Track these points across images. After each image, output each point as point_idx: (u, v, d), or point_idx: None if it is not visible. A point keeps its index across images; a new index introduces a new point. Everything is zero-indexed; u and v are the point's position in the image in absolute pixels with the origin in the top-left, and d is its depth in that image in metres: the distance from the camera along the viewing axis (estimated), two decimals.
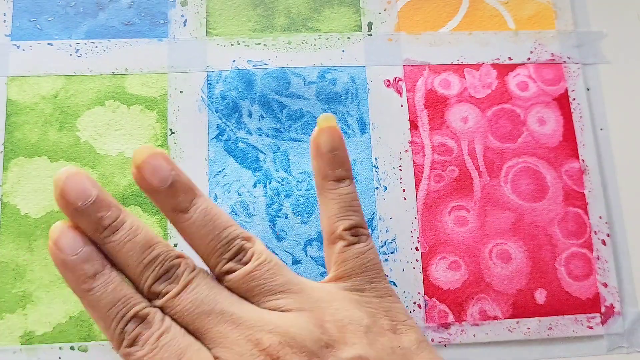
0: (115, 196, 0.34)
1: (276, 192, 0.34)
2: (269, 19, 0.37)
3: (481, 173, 0.35)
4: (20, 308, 0.32)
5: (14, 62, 0.35)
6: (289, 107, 0.36)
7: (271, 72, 0.36)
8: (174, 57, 0.36)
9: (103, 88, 0.35)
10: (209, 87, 0.36)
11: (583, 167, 0.36)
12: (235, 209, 0.34)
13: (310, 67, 0.36)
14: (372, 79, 0.36)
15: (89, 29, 0.36)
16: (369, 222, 0.34)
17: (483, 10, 0.39)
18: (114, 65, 0.36)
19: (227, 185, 0.34)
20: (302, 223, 0.34)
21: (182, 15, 0.37)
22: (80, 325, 0.32)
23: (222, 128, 0.35)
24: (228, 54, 0.36)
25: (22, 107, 0.35)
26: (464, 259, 0.34)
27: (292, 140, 0.35)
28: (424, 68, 0.37)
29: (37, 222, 0.33)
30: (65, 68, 0.35)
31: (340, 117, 0.36)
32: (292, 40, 0.37)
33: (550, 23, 0.38)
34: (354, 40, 0.37)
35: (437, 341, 0.33)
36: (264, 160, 0.35)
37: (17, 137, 0.34)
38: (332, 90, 0.36)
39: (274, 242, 0.33)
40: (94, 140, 0.35)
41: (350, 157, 0.35)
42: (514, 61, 0.37)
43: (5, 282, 0.32)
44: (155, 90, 0.35)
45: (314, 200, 0.34)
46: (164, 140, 0.35)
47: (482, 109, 0.37)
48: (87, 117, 0.35)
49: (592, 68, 0.38)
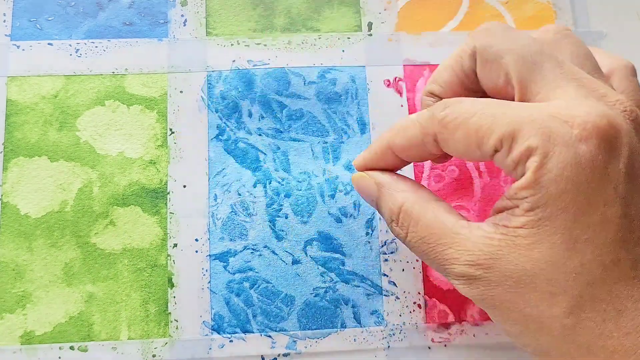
0: (115, 196, 0.34)
1: (276, 192, 0.34)
2: (269, 19, 0.37)
3: (481, 173, 0.35)
4: (20, 308, 0.32)
5: (13, 62, 0.35)
6: (289, 107, 0.36)
7: (271, 72, 0.36)
8: (173, 57, 0.36)
9: (103, 88, 0.35)
10: (209, 87, 0.36)
11: None
12: (235, 209, 0.34)
13: (310, 67, 0.36)
14: (372, 79, 0.36)
15: (89, 28, 0.36)
16: (369, 222, 0.34)
17: (483, 10, 0.39)
18: (114, 65, 0.36)
19: (227, 185, 0.34)
20: (302, 223, 0.34)
21: (182, 15, 0.37)
22: (80, 325, 0.32)
23: (222, 128, 0.35)
24: (228, 54, 0.36)
25: (22, 107, 0.35)
26: None
27: (292, 140, 0.35)
28: (424, 68, 0.37)
29: (37, 222, 0.33)
30: (65, 68, 0.35)
31: (340, 117, 0.36)
32: (292, 40, 0.37)
33: (550, 23, 0.38)
34: (354, 40, 0.37)
35: (437, 341, 0.33)
36: (264, 160, 0.35)
37: (16, 137, 0.34)
38: (332, 90, 0.36)
39: (274, 242, 0.33)
40: (94, 140, 0.35)
41: (350, 157, 0.35)
42: None
43: (4, 282, 0.32)
44: (155, 90, 0.35)
45: (314, 200, 0.34)
46: (164, 140, 0.35)
47: None
48: (87, 117, 0.35)
49: None
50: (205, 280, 0.33)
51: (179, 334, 0.32)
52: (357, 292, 0.33)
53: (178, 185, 0.34)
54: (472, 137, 0.22)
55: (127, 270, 0.33)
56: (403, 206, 0.25)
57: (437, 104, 0.24)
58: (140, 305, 0.32)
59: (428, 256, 0.24)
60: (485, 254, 0.22)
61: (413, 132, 0.25)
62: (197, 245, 0.33)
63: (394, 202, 0.26)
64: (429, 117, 0.24)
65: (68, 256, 0.33)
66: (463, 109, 0.23)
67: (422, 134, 0.25)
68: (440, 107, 0.24)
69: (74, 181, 0.34)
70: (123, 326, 0.32)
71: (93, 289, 0.32)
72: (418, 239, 0.25)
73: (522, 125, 0.21)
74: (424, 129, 0.24)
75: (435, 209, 0.25)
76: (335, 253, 0.33)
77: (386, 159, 0.27)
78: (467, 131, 0.22)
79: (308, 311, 0.33)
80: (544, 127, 0.20)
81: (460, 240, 0.23)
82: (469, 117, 0.22)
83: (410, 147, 0.26)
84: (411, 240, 0.25)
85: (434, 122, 0.24)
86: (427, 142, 0.25)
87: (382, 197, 0.27)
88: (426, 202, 0.25)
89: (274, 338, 0.32)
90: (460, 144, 0.23)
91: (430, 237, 0.24)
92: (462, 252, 0.23)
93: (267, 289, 0.33)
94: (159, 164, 0.34)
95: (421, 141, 0.25)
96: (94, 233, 0.33)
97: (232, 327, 0.32)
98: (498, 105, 0.22)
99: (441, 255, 0.24)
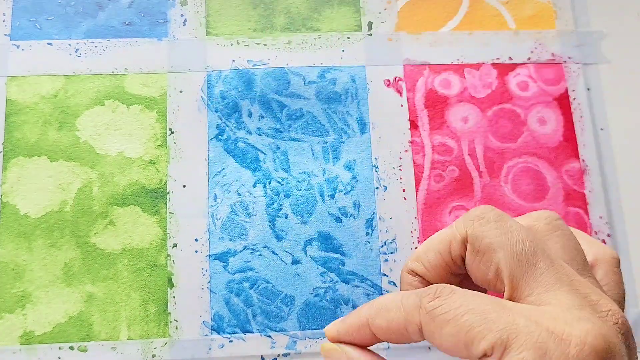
0: (115, 196, 0.34)
1: (276, 192, 0.34)
2: (268, 19, 0.37)
3: (481, 173, 0.35)
4: (20, 308, 0.32)
5: (13, 61, 0.35)
6: (288, 107, 0.36)
7: (271, 72, 0.36)
8: (173, 56, 0.36)
9: (103, 88, 0.35)
10: (209, 86, 0.36)
11: (583, 167, 0.36)
12: (235, 209, 0.34)
13: (310, 66, 0.36)
14: (372, 79, 0.36)
15: (89, 28, 0.36)
16: (369, 222, 0.34)
17: (483, 10, 0.38)
18: (114, 65, 0.36)
19: (227, 185, 0.34)
20: (302, 223, 0.34)
21: (182, 14, 0.37)
22: (79, 325, 0.32)
23: (221, 128, 0.35)
24: (228, 54, 0.36)
25: (21, 107, 0.35)
26: None
27: (292, 140, 0.35)
28: (424, 68, 0.37)
29: (37, 222, 0.33)
30: (65, 68, 0.35)
31: (340, 116, 0.36)
32: (292, 39, 0.37)
33: (551, 23, 0.38)
34: (354, 40, 0.37)
35: None
36: (264, 160, 0.35)
37: (16, 136, 0.34)
38: (332, 90, 0.36)
39: (273, 242, 0.33)
40: (94, 140, 0.35)
41: (350, 157, 0.35)
42: (514, 61, 0.37)
43: (4, 282, 0.32)
44: (154, 90, 0.35)
45: (314, 200, 0.34)
46: (164, 140, 0.35)
47: (483, 109, 0.37)
48: (86, 116, 0.35)
49: (592, 68, 0.38)
50: (205, 280, 0.33)
51: (179, 334, 0.32)
52: (357, 292, 0.33)
53: (178, 185, 0.34)
54: (461, 336, 0.21)
55: (126, 270, 0.33)
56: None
57: (425, 290, 0.23)
58: (140, 305, 0.32)
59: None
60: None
61: (396, 316, 0.24)
62: (197, 245, 0.33)
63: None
64: (414, 305, 0.23)
65: (68, 256, 0.33)
66: (455, 304, 0.22)
67: (406, 321, 0.23)
68: (430, 297, 0.23)
69: (74, 181, 0.34)
70: (123, 326, 0.32)
71: (93, 289, 0.32)
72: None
73: (517, 335, 0.20)
74: (409, 316, 0.23)
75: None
76: (335, 253, 0.33)
77: (362, 335, 0.26)
78: (457, 329, 0.22)
79: (308, 311, 0.33)
80: (540, 342, 0.20)
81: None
82: (460, 314, 0.22)
83: (390, 331, 0.24)
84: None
85: (421, 311, 0.23)
86: (411, 330, 0.23)
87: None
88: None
89: (273, 338, 0.32)
90: (448, 341, 0.22)
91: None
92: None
93: (267, 289, 0.33)
94: (159, 163, 0.34)
95: (404, 327, 0.24)
96: (93, 233, 0.33)
97: (232, 327, 0.32)
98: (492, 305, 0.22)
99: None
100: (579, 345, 0.20)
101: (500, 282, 0.24)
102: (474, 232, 0.24)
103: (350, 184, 0.34)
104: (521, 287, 0.23)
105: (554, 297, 0.22)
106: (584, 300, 0.22)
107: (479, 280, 0.25)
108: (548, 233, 0.25)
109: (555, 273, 0.23)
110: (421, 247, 0.27)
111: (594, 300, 0.22)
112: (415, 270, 0.27)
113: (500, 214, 0.24)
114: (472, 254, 0.24)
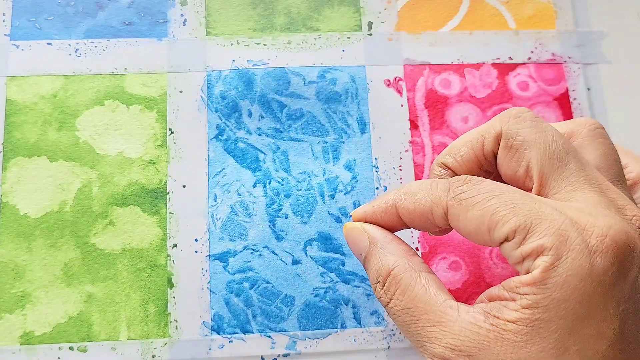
0: (115, 196, 0.34)
1: (276, 192, 0.34)
2: (268, 19, 0.37)
3: None
4: (20, 308, 0.32)
5: (13, 61, 0.35)
6: (288, 107, 0.36)
7: (271, 72, 0.36)
8: (173, 56, 0.36)
9: (102, 88, 0.35)
10: (209, 86, 0.36)
11: None
12: (234, 209, 0.34)
13: (310, 66, 0.36)
14: (372, 79, 0.36)
15: (89, 28, 0.36)
16: None
17: (483, 10, 0.38)
18: (114, 64, 0.36)
19: (227, 185, 0.34)
20: (302, 223, 0.34)
21: (182, 14, 0.37)
22: (79, 326, 0.32)
23: (221, 128, 0.35)
24: (228, 54, 0.36)
25: (21, 107, 0.35)
26: (464, 259, 0.34)
27: (292, 140, 0.35)
28: (424, 68, 0.37)
29: (37, 222, 0.33)
30: (65, 68, 0.35)
31: (340, 116, 0.36)
32: (292, 39, 0.37)
33: (551, 23, 0.38)
34: (354, 39, 0.37)
35: None
36: (264, 160, 0.35)
37: (16, 137, 0.34)
38: (332, 90, 0.36)
39: (273, 242, 0.33)
40: (94, 140, 0.34)
41: (350, 157, 0.35)
42: (515, 61, 0.37)
43: (4, 282, 0.32)
44: (154, 90, 0.35)
45: (314, 200, 0.34)
46: (164, 140, 0.35)
47: (483, 109, 0.36)
48: (86, 116, 0.35)
49: (592, 68, 0.38)
50: (205, 280, 0.33)
51: (179, 334, 0.32)
52: (357, 292, 0.33)
53: (178, 185, 0.34)
54: (485, 219, 0.22)
55: (126, 270, 0.33)
56: (393, 270, 0.24)
57: (456, 178, 0.23)
58: (139, 305, 0.32)
59: (408, 327, 0.24)
60: (470, 342, 0.21)
61: (424, 198, 0.24)
62: (196, 245, 0.33)
63: (384, 263, 0.25)
64: (444, 188, 0.23)
65: (67, 256, 0.33)
66: (483, 189, 0.22)
67: (433, 203, 0.24)
68: (459, 182, 0.23)
69: (74, 181, 0.34)
70: (122, 326, 0.32)
71: (92, 289, 0.32)
72: (402, 308, 0.24)
73: (540, 221, 0.20)
74: (436, 199, 0.24)
75: (426, 282, 0.24)
76: (335, 253, 0.33)
77: (387, 218, 0.26)
78: (482, 212, 0.22)
79: (308, 311, 0.33)
80: (562, 229, 0.20)
81: (446, 320, 0.22)
82: (487, 199, 0.22)
83: (416, 213, 0.25)
84: (393, 307, 0.24)
85: (449, 194, 0.23)
86: (436, 213, 0.24)
87: (372, 255, 0.25)
88: (417, 273, 0.24)
89: (273, 338, 0.32)
90: (472, 223, 0.22)
91: (415, 309, 0.23)
92: (446, 333, 0.22)
93: (267, 289, 0.33)
94: (159, 163, 0.34)
95: (429, 210, 0.24)
96: (93, 233, 0.33)
97: (231, 328, 0.32)
98: (520, 194, 0.22)
99: (423, 331, 0.23)
100: (600, 237, 0.20)
101: (530, 179, 0.24)
102: (508, 129, 0.24)
103: (350, 184, 0.34)
104: (550, 184, 0.23)
105: (582, 195, 0.22)
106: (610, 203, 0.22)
107: (508, 177, 0.25)
108: (590, 139, 0.25)
109: (585, 175, 0.23)
110: (454, 142, 0.27)
111: (621, 205, 0.22)
112: (446, 164, 0.27)
113: (536, 116, 0.25)
114: (505, 149, 0.25)
